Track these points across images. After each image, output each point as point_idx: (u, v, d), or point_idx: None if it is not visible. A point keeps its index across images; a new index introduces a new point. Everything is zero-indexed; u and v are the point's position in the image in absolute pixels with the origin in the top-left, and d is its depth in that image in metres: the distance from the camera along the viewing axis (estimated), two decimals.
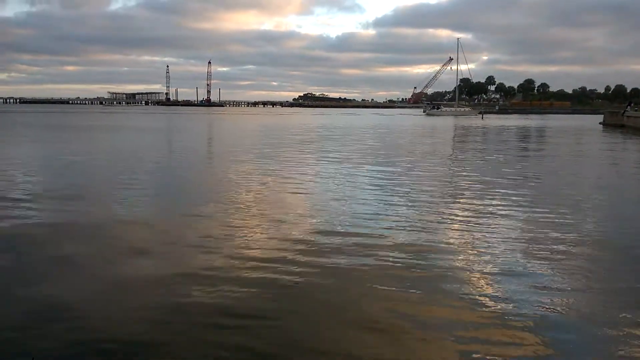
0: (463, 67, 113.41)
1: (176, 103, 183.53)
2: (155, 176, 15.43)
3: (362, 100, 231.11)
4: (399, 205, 11.01)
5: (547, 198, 11.97)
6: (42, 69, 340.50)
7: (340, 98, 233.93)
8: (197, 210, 10.32)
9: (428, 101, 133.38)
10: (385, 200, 11.47)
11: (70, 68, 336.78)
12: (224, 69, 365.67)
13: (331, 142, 29.25)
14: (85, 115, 75.56)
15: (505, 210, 10.57)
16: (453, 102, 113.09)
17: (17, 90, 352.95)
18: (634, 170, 19.11)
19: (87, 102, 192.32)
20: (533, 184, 14.30)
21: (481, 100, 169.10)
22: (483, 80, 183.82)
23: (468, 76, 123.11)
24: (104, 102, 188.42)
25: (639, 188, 15.02)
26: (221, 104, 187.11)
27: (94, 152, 22.50)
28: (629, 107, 60.69)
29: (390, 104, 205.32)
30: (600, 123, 58.87)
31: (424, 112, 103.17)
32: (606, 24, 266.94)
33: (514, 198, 11.91)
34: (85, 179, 14.58)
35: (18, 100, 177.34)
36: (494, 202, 11.39)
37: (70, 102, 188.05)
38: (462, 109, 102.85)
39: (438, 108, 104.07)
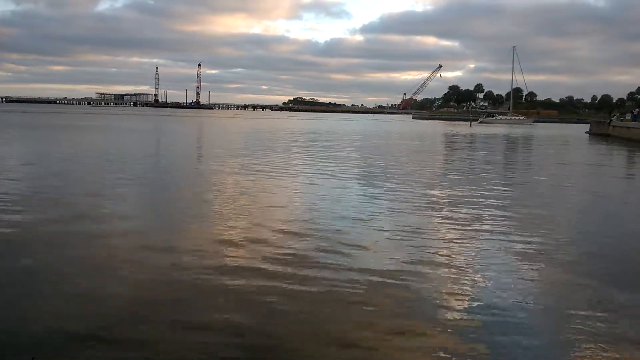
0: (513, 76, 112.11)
1: (165, 105, 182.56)
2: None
3: (352, 105, 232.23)
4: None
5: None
6: (29, 69, 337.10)
7: (330, 103, 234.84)
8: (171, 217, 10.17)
9: (482, 110, 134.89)
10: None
11: (57, 68, 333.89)
12: (213, 71, 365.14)
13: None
14: (66, 116, 74.62)
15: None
16: (507, 111, 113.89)
17: (3, 89, 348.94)
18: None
19: (74, 102, 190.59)
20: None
21: (470, 107, 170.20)
22: (471, 88, 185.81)
23: (523, 86, 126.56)
24: (91, 103, 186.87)
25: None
26: (210, 107, 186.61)
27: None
28: (614, 116, 61.77)
29: (380, 110, 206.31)
30: (586, 132, 59.59)
31: (478, 120, 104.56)
32: (591, 34, 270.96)
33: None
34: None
35: (4, 99, 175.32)
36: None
37: (58, 102, 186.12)
38: (516, 117, 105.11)
39: (493, 116, 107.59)
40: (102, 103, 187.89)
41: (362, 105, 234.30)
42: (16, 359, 4.49)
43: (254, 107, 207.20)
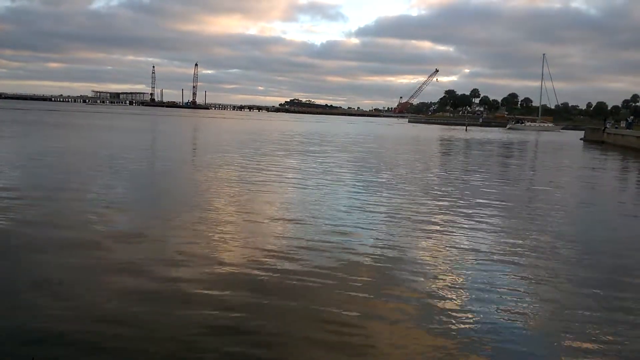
0: (548, 83, 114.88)
1: (161, 104, 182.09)
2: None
3: (349, 107, 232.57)
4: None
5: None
6: (24, 65, 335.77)
7: (326, 105, 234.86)
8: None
9: (512, 116, 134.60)
10: None
11: (53, 65, 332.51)
12: (209, 71, 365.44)
13: None
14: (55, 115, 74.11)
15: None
16: (537, 118, 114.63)
17: None
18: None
19: (70, 99, 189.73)
20: None
21: (465, 112, 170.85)
22: (466, 92, 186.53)
23: (552, 93, 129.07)
24: (87, 101, 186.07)
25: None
26: (207, 107, 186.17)
27: None
28: (608, 124, 62.24)
29: (376, 113, 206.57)
30: (581, 139, 59.85)
31: (506, 127, 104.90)
32: (584, 42, 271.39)
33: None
34: None
35: None
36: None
37: (53, 99, 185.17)
38: (545, 124, 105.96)
39: (522, 123, 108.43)
40: (98, 101, 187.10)
41: (358, 108, 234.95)
42: (16, 359, 4.46)
43: (250, 107, 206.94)
